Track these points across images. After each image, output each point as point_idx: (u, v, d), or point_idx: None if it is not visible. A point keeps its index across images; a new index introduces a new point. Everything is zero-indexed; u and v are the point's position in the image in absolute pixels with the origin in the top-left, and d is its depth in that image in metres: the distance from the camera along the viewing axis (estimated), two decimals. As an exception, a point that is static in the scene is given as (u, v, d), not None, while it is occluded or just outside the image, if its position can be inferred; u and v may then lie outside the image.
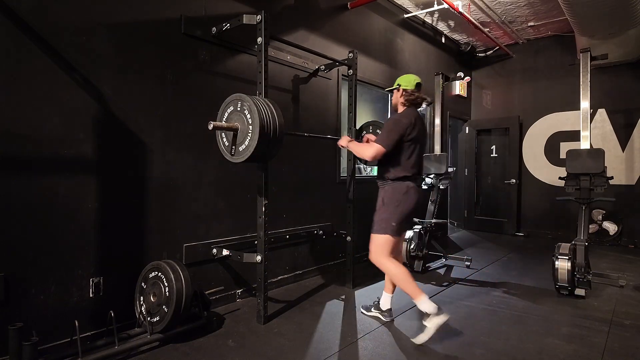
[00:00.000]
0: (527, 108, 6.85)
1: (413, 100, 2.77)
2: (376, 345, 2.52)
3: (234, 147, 2.53)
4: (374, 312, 2.99)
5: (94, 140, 2.44)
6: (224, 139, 2.62)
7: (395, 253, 2.79)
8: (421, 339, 2.52)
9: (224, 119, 2.59)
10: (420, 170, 2.81)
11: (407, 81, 2.80)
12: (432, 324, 2.50)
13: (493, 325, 2.85)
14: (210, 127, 2.41)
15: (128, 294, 2.63)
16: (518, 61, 6.92)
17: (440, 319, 2.50)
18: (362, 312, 3.06)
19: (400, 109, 2.83)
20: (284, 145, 3.40)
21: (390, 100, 3.86)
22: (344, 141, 2.98)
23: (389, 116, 6.04)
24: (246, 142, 2.46)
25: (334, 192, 4.28)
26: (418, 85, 2.81)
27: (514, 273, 4.33)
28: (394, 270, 2.64)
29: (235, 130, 2.50)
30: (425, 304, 2.52)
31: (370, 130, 3.77)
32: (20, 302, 2.17)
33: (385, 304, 2.94)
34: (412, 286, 2.58)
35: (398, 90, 2.84)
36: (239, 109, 2.49)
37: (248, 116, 2.44)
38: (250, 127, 2.43)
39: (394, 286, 2.93)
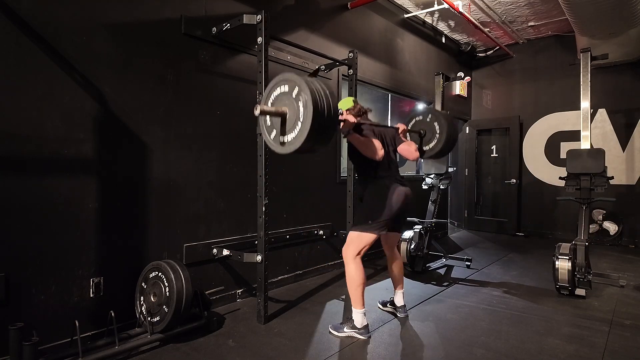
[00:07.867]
0: (527, 108, 6.84)
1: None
2: (376, 346, 2.51)
3: (280, 136, 2.08)
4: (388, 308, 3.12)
5: (94, 140, 2.44)
6: (268, 124, 2.16)
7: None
8: (331, 331, 2.66)
9: (270, 101, 2.12)
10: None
11: (347, 103, 2.76)
12: (344, 334, 2.61)
13: (493, 325, 2.85)
14: (257, 112, 1.98)
15: (128, 294, 2.63)
16: (518, 61, 6.92)
17: (356, 336, 2.58)
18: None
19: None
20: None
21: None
22: (402, 127, 2.87)
23: (389, 117, 6.05)
24: (295, 131, 1.99)
25: (334, 192, 4.28)
26: (355, 102, 2.80)
27: (514, 273, 4.33)
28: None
29: (283, 116, 2.05)
30: (359, 316, 2.59)
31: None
32: (21, 302, 2.17)
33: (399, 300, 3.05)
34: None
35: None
36: (287, 91, 2.04)
37: (300, 102, 1.97)
38: (302, 113, 1.96)
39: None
